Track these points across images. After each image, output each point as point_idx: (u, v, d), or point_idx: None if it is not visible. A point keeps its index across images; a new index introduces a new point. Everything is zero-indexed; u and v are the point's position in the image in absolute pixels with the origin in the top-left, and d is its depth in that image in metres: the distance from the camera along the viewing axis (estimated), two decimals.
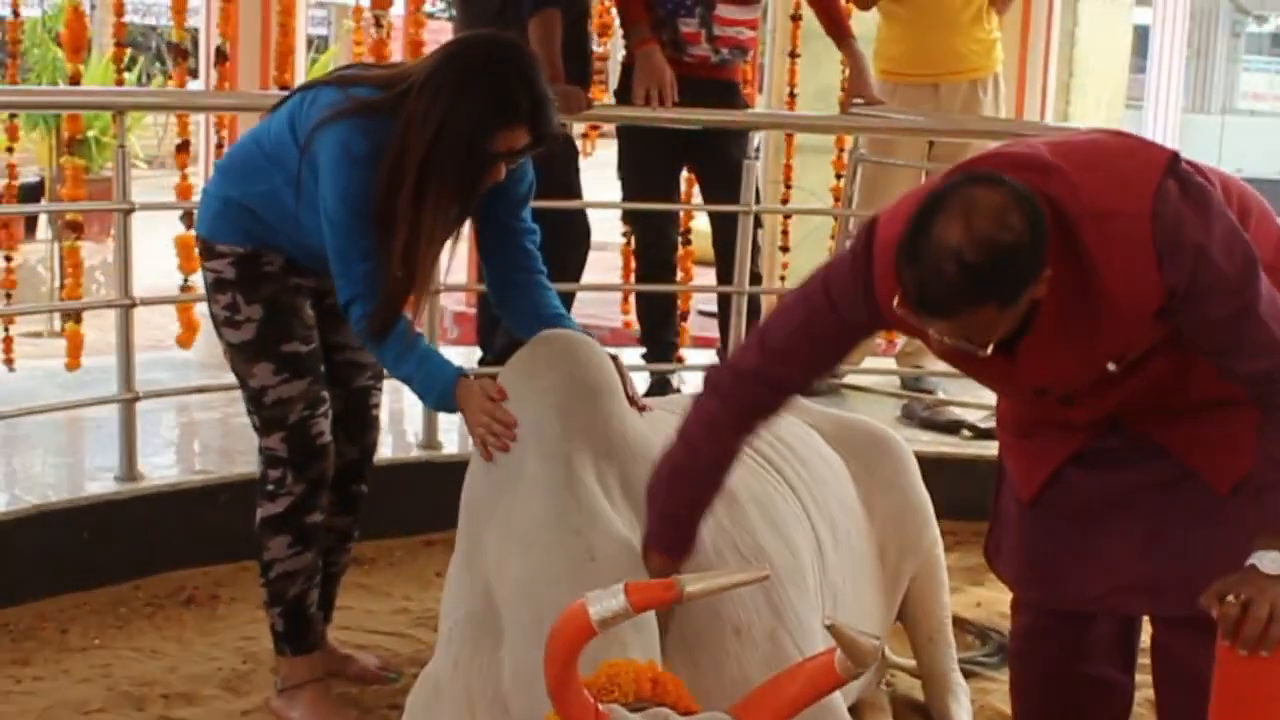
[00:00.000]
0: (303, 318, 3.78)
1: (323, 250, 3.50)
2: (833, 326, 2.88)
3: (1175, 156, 2.74)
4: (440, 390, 3.40)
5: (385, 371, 3.85)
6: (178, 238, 6.16)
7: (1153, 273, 2.65)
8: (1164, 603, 3.02)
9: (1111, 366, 2.82)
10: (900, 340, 6.69)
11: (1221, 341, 2.72)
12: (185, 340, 6.43)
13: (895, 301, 2.68)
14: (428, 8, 7.69)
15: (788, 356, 2.91)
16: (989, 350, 2.67)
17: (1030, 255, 2.55)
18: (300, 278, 3.75)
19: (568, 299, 5.55)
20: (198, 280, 6.06)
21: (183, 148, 6.39)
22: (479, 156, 3.33)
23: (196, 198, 6.12)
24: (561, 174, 5.43)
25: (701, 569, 2.87)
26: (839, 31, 5.97)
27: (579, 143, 6.49)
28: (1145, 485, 3.02)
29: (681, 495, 2.97)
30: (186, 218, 6.12)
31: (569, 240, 5.53)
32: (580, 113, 5.22)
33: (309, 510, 3.83)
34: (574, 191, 5.65)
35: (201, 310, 6.30)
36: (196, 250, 3.84)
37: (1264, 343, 2.69)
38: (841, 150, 7.32)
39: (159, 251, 6.32)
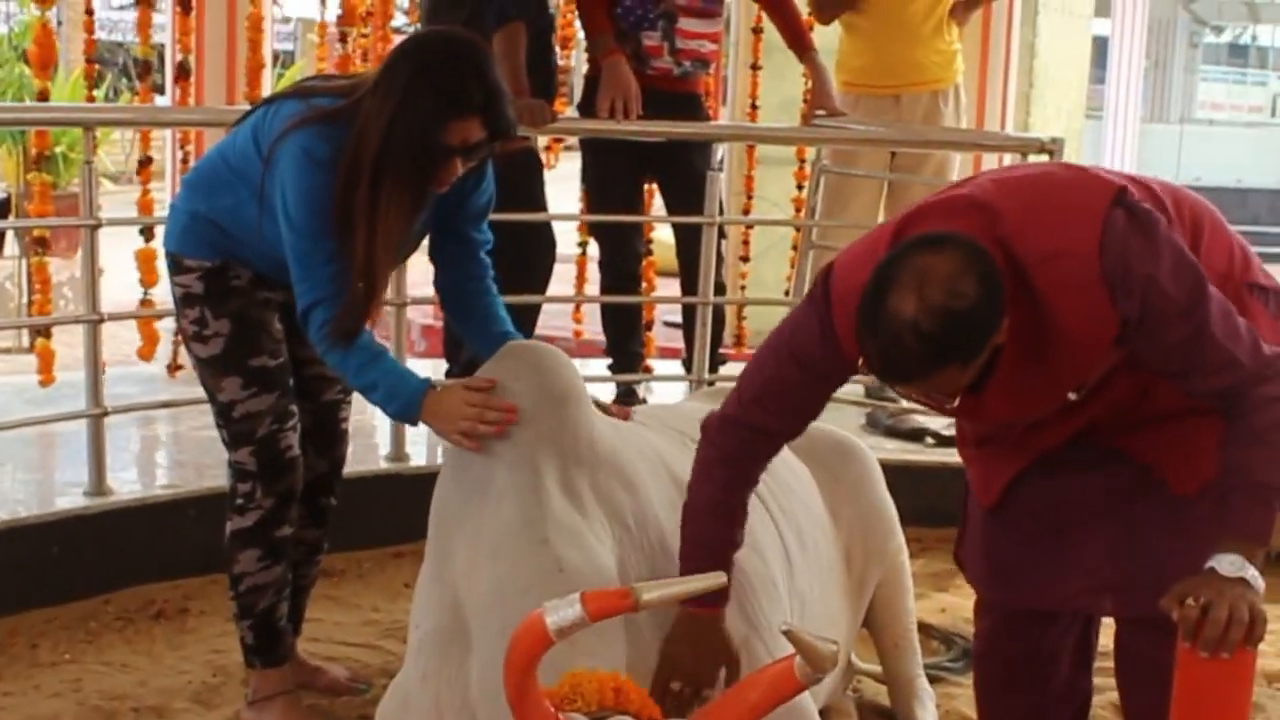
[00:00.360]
0: (271, 331, 3.78)
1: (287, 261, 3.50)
2: (801, 380, 2.96)
3: (1122, 189, 2.79)
4: (406, 399, 3.38)
5: None
6: (138, 251, 6.15)
7: (1105, 306, 2.70)
8: (1130, 604, 3.05)
9: (1073, 395, 2.88)
10: None
11: (1180, 364, 2.78)
12: (146, 353, 6.42)
13: (860, 363, 2.75)
14: (395, 23, 7.68)
15: (764, 408, 3.00)
16: (956, 401, 2.78)
17: (986, 314, 2.61)
18: (269, 291, 3.75)
19: (533, 311, 5.59)
20: (156, 294, 6.11)
21: (145, 163, 6.39)
22: (432, 150, 3.31)
23: (159, 212, 6.16)
24: (526, 187, 5.46)
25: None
26: (800, 44, 6.02)
27: (542, 155, 6.53)
28: (1110, 489, 3.06)
29: (692, 538, 3.05)
30: (147, 232, 6.11)
31: (534, 253, 5.56)
32: (545, 125, 5.25)
33: (278, 524, 3.84)
34: (538, 204, 5.68)
35: (163, 324, 6.33)
36: (165, 265, 3.83)
37: (1221, 361, 2.75)
38: (803, 161, 7.36)
39: (126, 267, 6.32)
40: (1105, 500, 3.07)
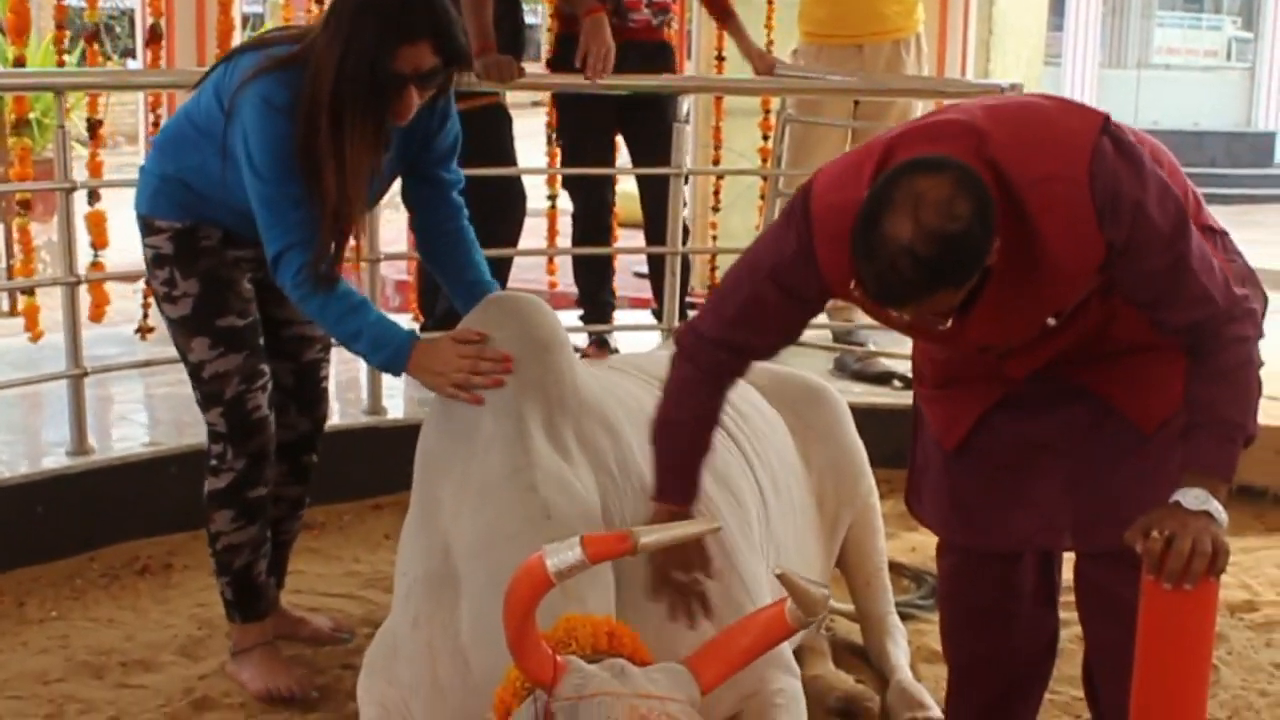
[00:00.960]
0: (239, 291, 3.79)
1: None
2: (780, 302, 2.93)
3: (1107, 117, 2.81)
4: (395, 349, 3.40)
5: (334, 342, 3.89)
6: (88, 215, 6.08)
7: (1093, 231, 2.71)
8: (1092, 539, 3.07)
9: (1052, 321, 2.89)
10: None
11: (1157, 294, 2.79)
12: (96, 316, 6.35)
13: (852, 286, 2.75)
14: None
15: (743, 327, 2.98)
16: (949, 322, 2.77)
17: (980, 238, 2.59)
18: (238, 250, 3.75)
19: (505, 264, 5.66)
20: (106, 257, 6.11)
21: (95, 126, 6.34)
22: (384, 79, 3.32)
23: (108, 175, 6.16)
24: (496, 142, 5.52)
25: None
26: (721, 12, 6.14)
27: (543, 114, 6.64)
28: (1070, 426, 3.08)
29: (673, 447, 3.08)
30: (92, 195, 6.09)
31: (506, 206, 5.63)
32: (512, 81, 5.29)
33: (252, 485, 3.87)
34: (509, 158, 5.74)
35: (111, 285, 6.34)
36: (136, 227, 3.82)
37: (1196, 294, 2.77)
38: (768, 112, 7.41)
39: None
40: (1063, 437, 3.09)
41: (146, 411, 5.62)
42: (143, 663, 4.16)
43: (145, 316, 6.33)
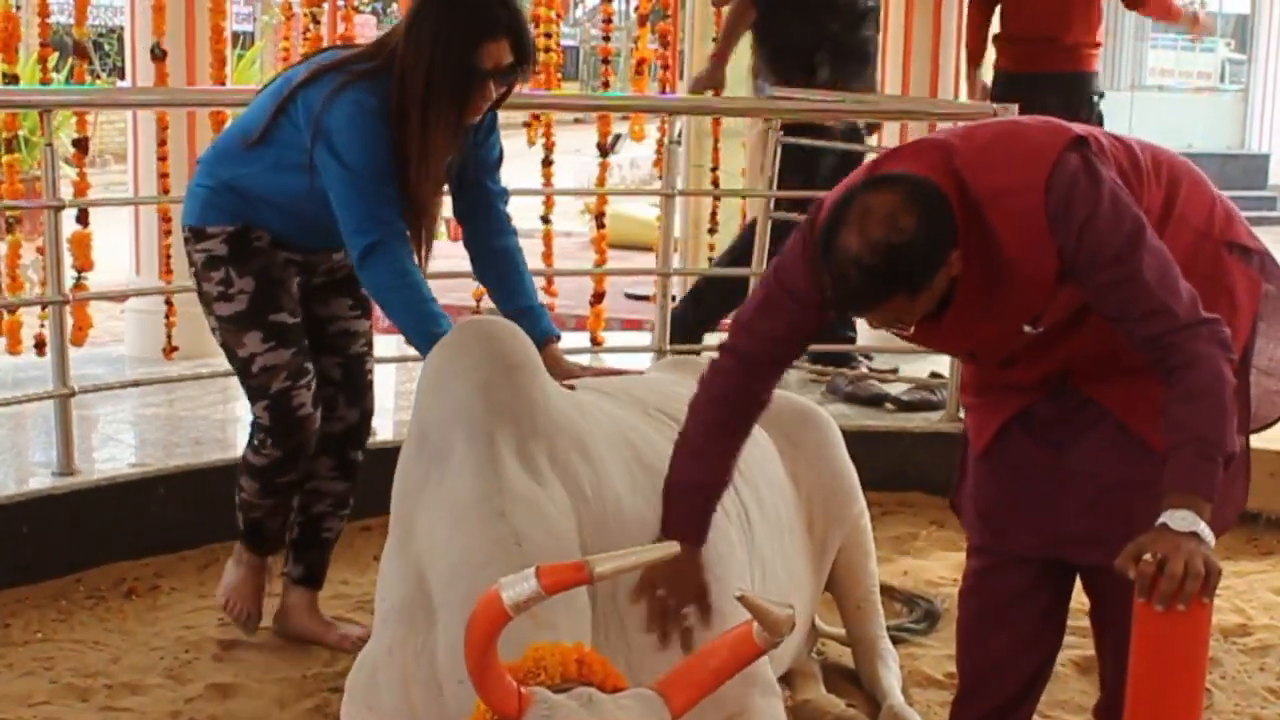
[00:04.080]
0: (290, 290, 3.98)
1: (315, 222, 3.78)
2: (790, 307, 3.09)
3: (1081, 138, 2.91)
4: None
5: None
6: (73, 235, 6.02)
7: (1047, 240, 2.85)
8: (1111, 556, 3.08)
9: (1028, 328, 2.98)
10: None
11: (1113, 308, 2.89)
12: (79, 339, 6.27)
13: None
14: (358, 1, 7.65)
15: (756, 334, 3.15)
16: (912, 329, 2.93)
17: (925, 248, 2.78)
18: (288, 252, 3.95)
19: None
20: (93, 279, 6.10)
21: (81, 145, 6.35)
22: (470, 74, 3.60)
23: (93, 194, 6.18)
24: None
25: (641, 543, 2.97)
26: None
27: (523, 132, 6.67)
28: (1092, 447, 3.13)
29: (677, 478, 3.20)
30: (82, 216, 6.11)
31: None
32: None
33: (283, 472, 4.09)
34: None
35: (95, 306, 6.34)
36: (184, 240, 4.01)
37: (1151, 308, 2.84)
38: None
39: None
40: (1087, 457, 3.14)
41: (134, 432, 5.61)
42: (129, 685, 4.13)
43: (169, 336, 6.30)
